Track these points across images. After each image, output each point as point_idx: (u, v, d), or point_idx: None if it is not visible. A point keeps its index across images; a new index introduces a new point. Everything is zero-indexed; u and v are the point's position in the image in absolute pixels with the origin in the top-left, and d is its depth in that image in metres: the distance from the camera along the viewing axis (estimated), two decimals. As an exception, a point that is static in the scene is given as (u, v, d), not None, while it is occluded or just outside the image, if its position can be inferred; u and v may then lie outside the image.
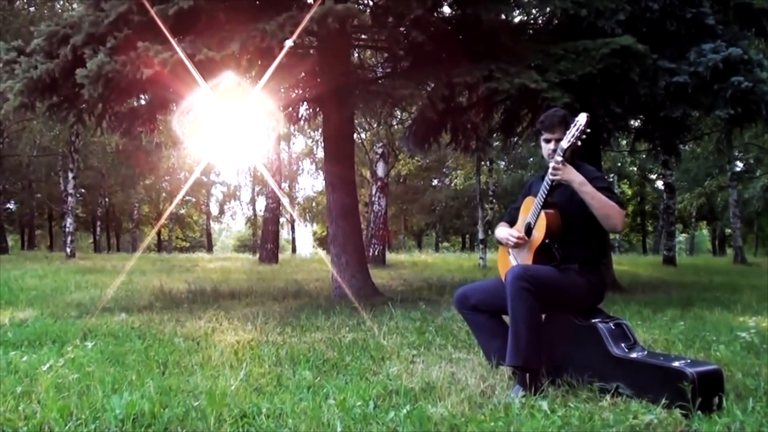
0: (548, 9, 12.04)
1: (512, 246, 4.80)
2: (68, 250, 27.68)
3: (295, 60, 11.23)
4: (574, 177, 4.39)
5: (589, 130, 4.32)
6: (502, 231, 4.93)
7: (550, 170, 4.45)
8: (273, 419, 3.76)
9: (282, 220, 39.79)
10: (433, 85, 10.60)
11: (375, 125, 26.75)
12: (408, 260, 28.19)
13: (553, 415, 3.71)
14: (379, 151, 27.19)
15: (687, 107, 11.00)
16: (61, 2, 26.45)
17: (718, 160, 32.81)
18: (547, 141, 4.72)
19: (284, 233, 50.62)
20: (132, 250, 44.49)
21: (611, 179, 38.67)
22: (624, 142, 22.30)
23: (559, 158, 4.39)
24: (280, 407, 3.93)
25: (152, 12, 8.71)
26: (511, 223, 4.99)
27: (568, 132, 4.38)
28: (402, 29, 10.36)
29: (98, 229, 51.57)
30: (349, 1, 8.43)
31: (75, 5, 20.87)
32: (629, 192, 50.52)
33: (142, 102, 12.25)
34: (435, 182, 50.49)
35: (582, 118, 4.33)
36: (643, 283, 14.80)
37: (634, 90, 10.27)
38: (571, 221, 4.53)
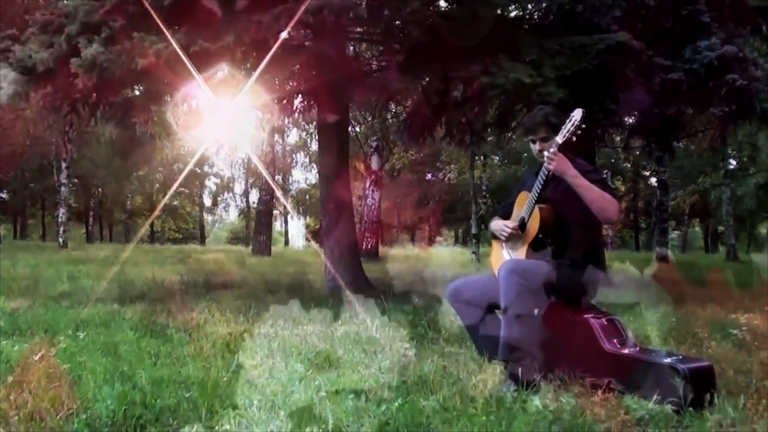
0: (544, 4, 12.04)
1: (506, 238, 4.81)
2: (60, 240, 27.63)
3: (290, 52, 11.20)
4: (567, 169, 4.38)
5: (584, 126, 4.32)
6: (496, 224, 4.94)
7: (545, 162, 4.44)
8: (265, 411, 3.76)
9: (275, 212, 39.77)
10: (428, 79, 10.59)
11: (370, 118, 26.77)
12: (401, 254, 28.18)
13: (545, 409, 3.72)
14: (374, 144, 27.18)
15: (681, 104, 11.02)
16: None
17: (712, 158, 32.82)
18: (533, 142, 4.74)
19: (277, 225, 50.64)
20: (125, 240, 44.47)
21: (605, 175, 38.73)
22: (618, 138, 22.30)
23: (553, 149, 4.40)
24: (272, 399, 3.93)
25: (147, 2, 8.69)
26: (506, 217, 4.99)
27: (563, 127, 4.39)
28: (398, 23, 10.34)
29: (91, 219, 51.45)
30: (344, -6, 8.43)
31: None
32: (622, 188, 50.53)
33: (137, 92, 12.20)
34: (429, 176, 50.42)
35: (577, 114, 4.34)
36: (635, 279, 14.81)
37: (628, 86, 10.27)
38: (565, 216, 4.53)
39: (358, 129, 30.14)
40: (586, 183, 4.38)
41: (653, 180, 36.59)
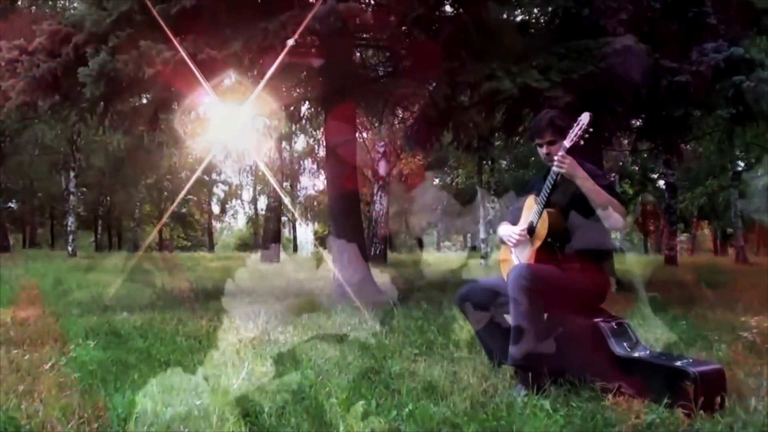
0: (550, 8, 12.04)
1: (514, 244, 4.80)
2: (70, 248, 27.68)
3: (297, 59, 11.22)
4: (578, 172, 4.38)
5: (591, 129, 4.32)
6: (504, 229, 4.94)
7: (555, 165, 4.44)
8: (275, 418, 3.77)
9: (283, 219, 39.78)
10: (434, 84, 10.59)
11: (377, 124, 26.77)
12: (409, 259, 28.15)
13: (555, 414, 3.72)
14: (381, 150, 27.19)
15: (688, 106, 10.99)
16: (64, 1, 26.40)
17: (720, 160, 32.73)
18: (540, 146, 4.73)
19: (285, 232, 50.55)
20: (133, 249, 44.44)
21: (613, 178, 38.62)
22: (625, 141, 22.26)
23: (562, 152, 4.40)
24: (283, 406, 3.94)
25: (154, 11, 8.72)
26: (514, 222, 4.98)
27: (570, 131, 4.38)
28: (404, 28, 10.35)
29: (99, 227, 51.50)
30: (351, 0, 8.44)
31: (77, 4, 20.88)
32: (630, 191, 50.41)
33: (144, 101, 12.23)
34: (436, 181, 50.36)
35: (585, 118, 4.33)
36: (644, 282, 14.77)
37: (635, 89, 10.26)
38: (574, 220, 4.52)
39: (365, 135, 30.13)
40: (595, 187, 4.38)
41: (661, 183, 36.48)
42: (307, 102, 13.71)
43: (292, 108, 13.66)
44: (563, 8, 10.44)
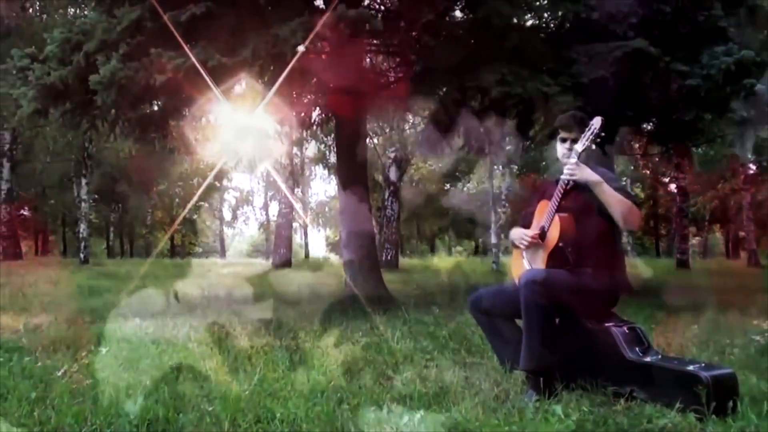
0: (560, 12, 12.02)
1: (526, 247, 4.79)
2: (82, 255, 27.66)
3: (308, 65, 11.23)
4: (590, 176, 4.39)
5: (603, 134, 4.33)
6: (516, 232, 4.93)
7: (564, 172, 4.45)
8: (287, 424, 3.78)
9: (295, 224, 39.81)
10: (445, 90, 10.58)
11: (387, 130, 26.77)
12: (421, 264, 28.14)
13: (567, 419, 3.71)
14: (392, 155, 27.20)
15: (699, 110, 10.96)
16: (74, 9, 26.48)
17: (731, 163, 32.63)
18: (564, 140, 4.71)
19: (297, 238, 50.57)
20: (145, 255, 44.52)
21: (624, 182, 38.52)
22: (636, 145, 22.22)
23: (574, 160, 4.40)
24: (294, 412, 3.94)
25: (165, 18, 8.74)
26: (526, 227, 4.97)
27: (582, 135, 4.39)
28: (414, 34, 10.35)
29: (111, 234, 51.64)
30: (361, 7, 8.45)
31: (87, 12, 20.95)
32: (642, 195, 50.24)
33: (155, 108, 12.25)
34: (447, 186, 50.34)
35: (596, 122, 4.34)
36: (656, 286, 14.71)
37: (646, 93, 10.24)
38: (585, 225, 4.52)
39: (376, 140, 30.14)
40: (609, 189, 4.38)
41: (673, 186, 36.39)
42: (317, 108, 13.69)
43: (302, 114, 13.66)
44: (573, 13, 10.41)
